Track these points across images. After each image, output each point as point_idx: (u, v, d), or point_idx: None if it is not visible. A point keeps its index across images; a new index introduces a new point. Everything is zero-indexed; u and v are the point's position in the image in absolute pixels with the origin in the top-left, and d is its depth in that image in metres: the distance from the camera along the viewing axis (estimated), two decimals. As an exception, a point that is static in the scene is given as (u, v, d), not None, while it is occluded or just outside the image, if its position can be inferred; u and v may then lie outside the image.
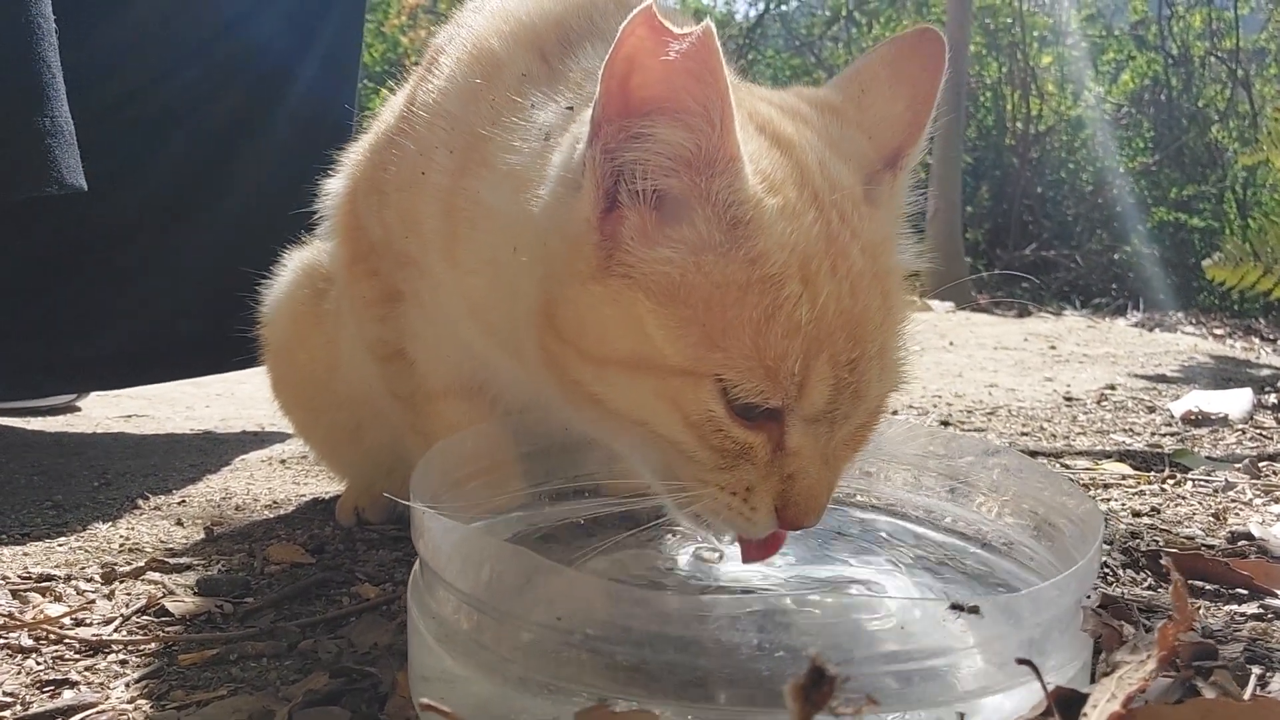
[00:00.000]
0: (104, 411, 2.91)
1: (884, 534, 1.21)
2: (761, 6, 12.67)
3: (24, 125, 1.59)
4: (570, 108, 1.03)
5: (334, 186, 1.43)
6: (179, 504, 1.82)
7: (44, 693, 1.02)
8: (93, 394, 2.98)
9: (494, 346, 1.18)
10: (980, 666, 0.74)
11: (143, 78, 2.23)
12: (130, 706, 0.99)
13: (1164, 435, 2.46)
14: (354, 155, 1.41)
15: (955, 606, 0.70)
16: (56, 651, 1.12)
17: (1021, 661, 0.68)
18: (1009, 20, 10.73)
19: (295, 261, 1.64)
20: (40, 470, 2.09)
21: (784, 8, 12.65)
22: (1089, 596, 1.01)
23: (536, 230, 1.00)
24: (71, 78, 1.73)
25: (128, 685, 1.04)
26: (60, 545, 1.53)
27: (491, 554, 0.79)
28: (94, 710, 0.98)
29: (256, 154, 2.39)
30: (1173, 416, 2.72)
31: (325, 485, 1.93)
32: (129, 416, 2.87)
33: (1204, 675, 0.78)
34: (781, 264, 0.90)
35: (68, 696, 1.01)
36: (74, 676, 1.06)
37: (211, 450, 2.34)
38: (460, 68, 1.18)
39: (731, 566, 1.11)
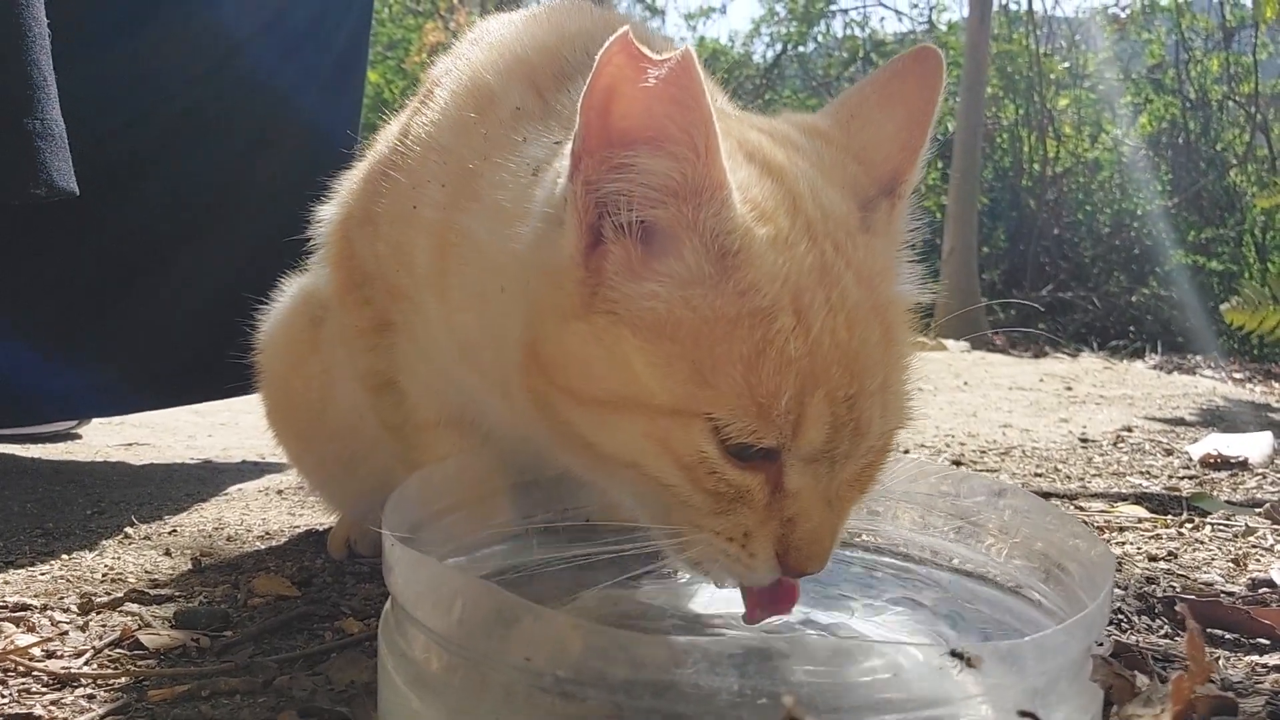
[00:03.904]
0: (105, 439, 2.88)
1: (890, 575, 1.16)
2: (779, 48, 12.77)
3: (14, 126, 1.58)
4: (558, 142, 1.00)
5: (327, 213, 1.40)
6: (169, 534, 1.78)
7: (4, 728, 0.98)
8: (95, 421, 2.97)
9: (484, 385, 1.14)
10: (982, 718, 0.69)
11: (146, 105, 2.23)
12: (92, 744, 0.95)
13: (1182, 478, 2.39)
14: (348, 183, 1.39)
15: (954, 654, 0.65)
16: (23, 684, 1.08)
17: (1024, 714, 0.64)
18: (1026, 62, 10.75)
19: (293, 288, 1.62)
20: (35, 498, 2.05)
21: (801, 49, 12.74)
22: (1100, 644, 0.96)
23: (521, 267, 0.97)
24: (79, 99, 1.72)
25: (92, 721, 0.99)
26: (43, 574, 1.50)
27: (462, 590, 0.75)
28: (54, 747, 0.94)
29: (262, 180, 2.38)
30: (1191, 459, 2.66)
31: (320, 517, 1.89)
32: (130, 445, 2.85)
33: (1222, 733, 0.73)
34: (773, 296, 0.86)
35: (28, 732, 0.97)
36: (38, 711, 1.01)
37: (209, 479, 2.31)
38: (455, 100, 1.15)
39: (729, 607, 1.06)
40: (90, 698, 1.05)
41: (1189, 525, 1.77)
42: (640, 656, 0.65)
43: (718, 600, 1.07)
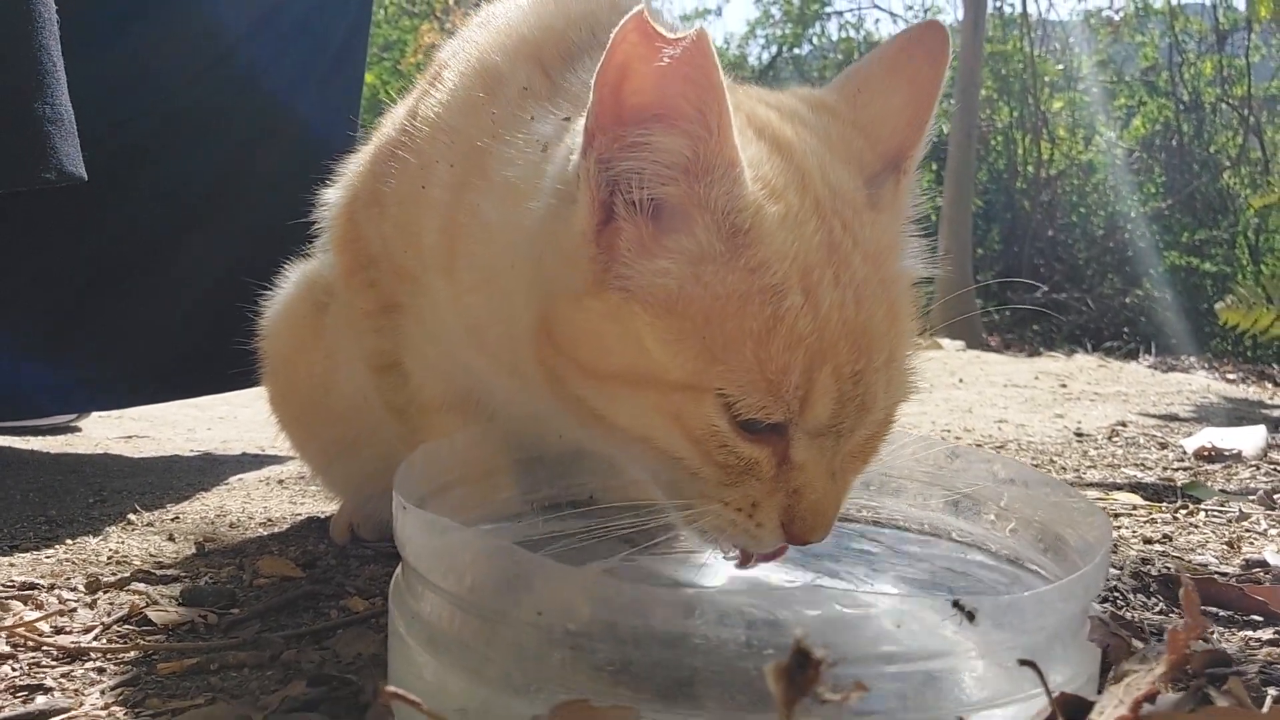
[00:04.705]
0: (104, 432, 2.89)
1: (894, 547, 1.18)
2: (774, 50, 12.81)
3: (24, 111, 1.59)
4: (567, 119, 1.01)
5: (332, 197, 1.41)
6: (172, 520, 1.79)
7: (17, 698, 0.99)
8: (94, 414, 2.97)
9: (491, 365, 1.15)
10: (983, 672, 0.71)
11: (144, 102, 2.24)
12: (104, 713, 0.96)
13: (1176, 470, 2.41)
14: (353, 166, 1.40)
15: (955, 604, 0.67)
16: (34, 658, 1.09)
17: (1024, 663, 0.65)
18: (1020, 65, 10.80)
19: (296, 274, 1.63)
20: (37, 487, 2.06)
21: (796, 51, 12.78)
22: (1095, 615, 0.98)
23: (532, 244, 0.98)
24: (90, 88, 1.74)
25: (103, 692, 1.01)
26: (48, 557, 1.51)
27: (474, 551, 0.76)
28: (66, 716, 0.95)
29: (262, 173, 2.39)
30: (1185, 453, 2.68)
31: (322, 505, 1.91)
32: (129, 437, 2.85)
33: (1217, 684, 0.75)
34: (783, 274, 0.88)
35: (40, 702, 0.98)
36: (49, 683, 1.03)
37: (210, 470, 2.32)
38: (463, 81, 1.17)
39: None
40: (100, 671, 1.07)
41: (1183, 511, 1.79)
42: (650, 609, 0.67)
43: (724, 574, 1.09)
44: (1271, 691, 0.90)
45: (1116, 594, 1.27)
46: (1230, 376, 6.44)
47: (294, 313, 1.59)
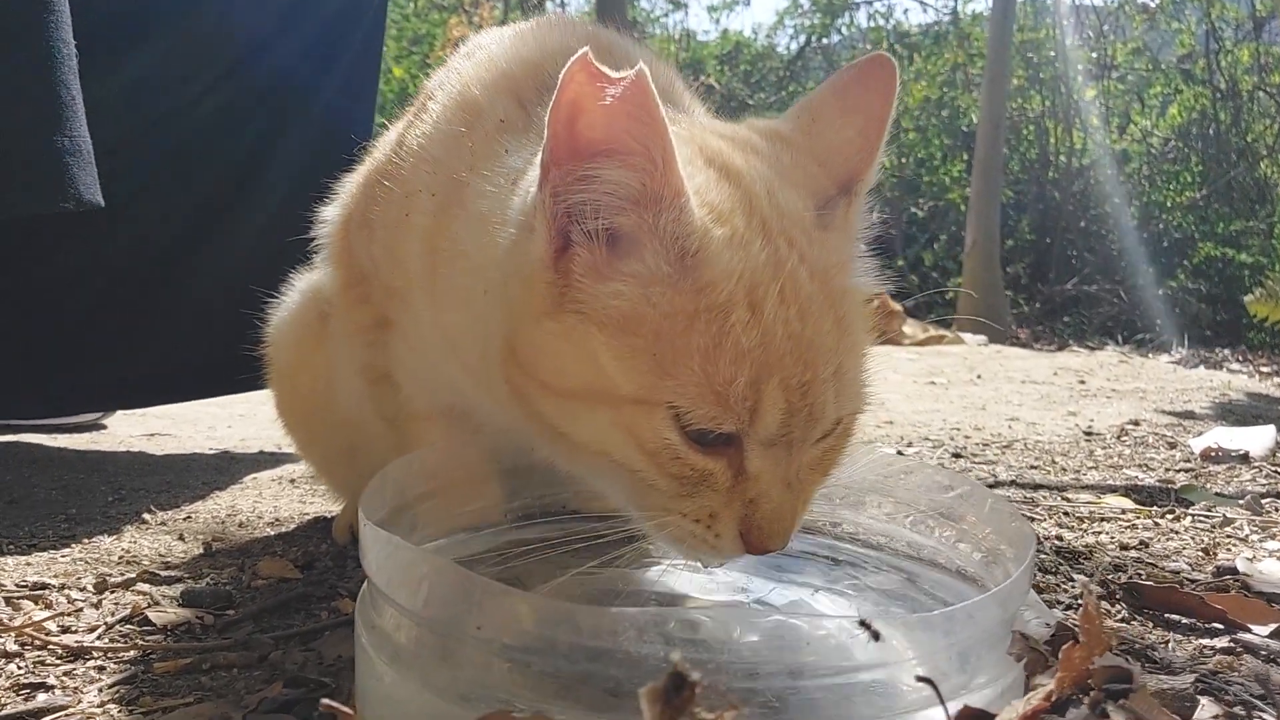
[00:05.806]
0: (128, 430, 2.98)
1: (850, 561, 1.22)
2: (803, 40, 12.75)
3: (44, 144, 1.66)
4: (534, 153, 1.06)
5: (330, 214, 1.47)
6: (184, 520, 1.87)
7: (19, 695, 1.06)
8: (119, 413, 3.06)
9: (470, 381, 1.21)
10: (898, 685, 0.75)
11: (166, 107, 2.31)
12: (99, 710, 1.02)
13: (1179, 471, 2.42)
14: (349, 186, 1.46)
15: (862, 624, 0.71)
16: (39, 657, 1.16)
17: (921, 679, 0.69)
18: (1051, 54, 10.68)
19: (302, 284, 1.69)
20: (60, 485, 2.15)
21: (825, 41, 12.71)
22: (1048, 625, 1.02)
23: (499, 270, 1.03)
24: (103, 104, 1.80)
25: (100, 690, 1.07)
26: (63, 556, 1.58)
27: (427, 570, 0.81)
28: (64, 713, 1.01)
29: (277, 178, 2.46)
30: (1192, 453, 2.68)
31: (329, 505, 1.97)
32: (152, 435, 2.94)
33: (1115, 699, 0.78)
34: (728, 292, 0.92)
35: (41, 699, 1.04)
36: (51, 680, 1.09)
37: (226, 469, 2.39)
38: (445, 114, 1.22)
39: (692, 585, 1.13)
40: (100, 669, 1.13)
41: (1169, 516, 1.80)
42: (580, 625, 0.72)
43: (697, 580, 1.13)
44: (1204, 700, 0.94)
45: (1081, 601, 1.30)
46: (1264, 369, 6.37)
47: (299, 321, 1.65)
